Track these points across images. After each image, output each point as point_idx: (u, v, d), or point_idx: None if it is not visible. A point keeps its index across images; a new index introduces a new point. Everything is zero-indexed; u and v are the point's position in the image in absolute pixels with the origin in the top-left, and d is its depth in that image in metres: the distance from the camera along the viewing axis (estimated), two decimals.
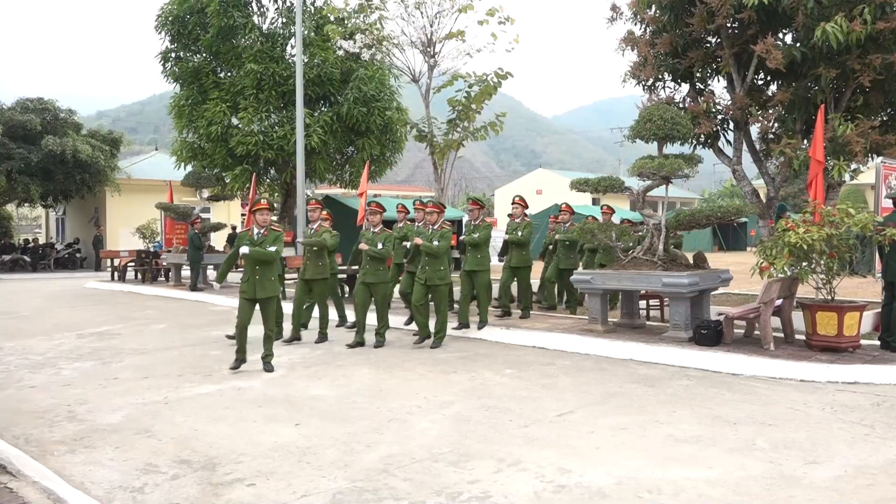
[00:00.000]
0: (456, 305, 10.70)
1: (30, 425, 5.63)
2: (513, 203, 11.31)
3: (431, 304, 9.18)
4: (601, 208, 12.86)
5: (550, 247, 12.24)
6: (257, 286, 7.66)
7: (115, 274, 21.29)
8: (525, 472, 4.43)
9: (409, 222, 11.29)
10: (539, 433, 5.24)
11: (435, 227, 9.07)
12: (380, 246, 9.08)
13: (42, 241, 32.75)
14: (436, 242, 8.84)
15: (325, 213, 9.99)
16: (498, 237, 18.02)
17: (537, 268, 11.92)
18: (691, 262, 9.44)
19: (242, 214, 10.12)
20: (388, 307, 9.54)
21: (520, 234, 10.75)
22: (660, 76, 11.27)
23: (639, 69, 11.20)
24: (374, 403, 6.16)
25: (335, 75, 19.41)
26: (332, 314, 10.28)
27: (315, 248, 9.32)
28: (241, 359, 7.62)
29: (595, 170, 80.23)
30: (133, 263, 20.86)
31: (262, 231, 7.78)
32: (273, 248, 7.71)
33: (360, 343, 9.00)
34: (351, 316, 10.23)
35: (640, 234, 11.12)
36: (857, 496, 4.03)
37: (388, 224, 10.86)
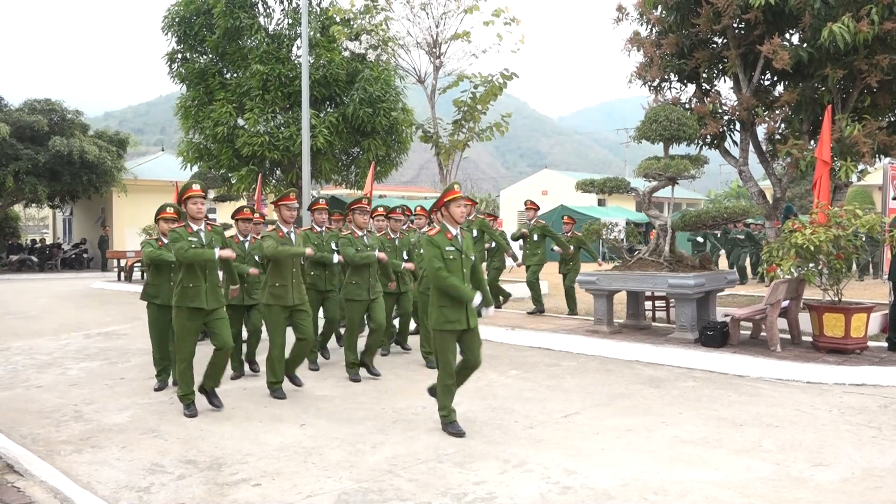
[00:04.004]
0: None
1: (37, 425, 5.65)
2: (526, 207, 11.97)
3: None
4: (564, 218, 12.91)
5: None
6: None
7: (122, 274, 21.38)
8: (531, 474, 4.42)
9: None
10: (544, 434, 5.23)
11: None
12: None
13: (49, 241, 32.87)
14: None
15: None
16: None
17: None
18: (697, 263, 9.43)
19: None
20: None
21: (535, 236, 11.47)
22: (666, 77, 11.25)
23: (645, 70, 11.18)
24: (379, 404, 6.16)
25: (341, 76, 19.43)
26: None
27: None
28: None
29: (601, 171, 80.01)
30: (139, 264, 20.94)
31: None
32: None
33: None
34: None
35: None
36: (865, 498, 4.01)
37: None
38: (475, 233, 11.26)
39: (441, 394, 5.25)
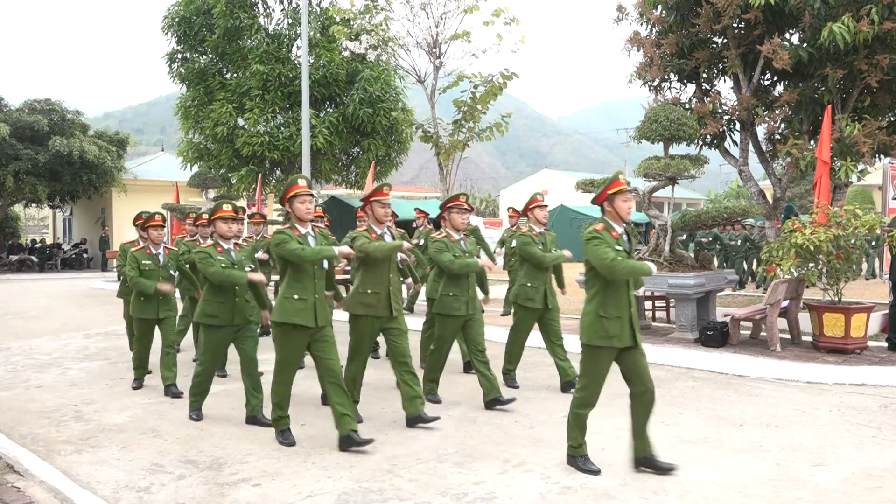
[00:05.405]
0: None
1: (37, 425, 5.65)
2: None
3: None
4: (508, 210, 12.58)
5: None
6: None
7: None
8: (531, 473, 4.42)
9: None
10: (545, 434, 5.23)
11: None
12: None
13: (49, 241, 32.87)
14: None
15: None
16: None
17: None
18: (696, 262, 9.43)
19: (250, 215, 9.43)
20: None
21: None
22: (666, 77, 11.25)
23: (645, 70, 11.18)
24: (379, 404, 6.15)
25: (341, 76, 19.45)
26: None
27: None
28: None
29: (601, 170, 80.00)
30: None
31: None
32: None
33: None
34: None
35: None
36: (864, 498, 4.01)
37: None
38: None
39: (572, 424, 4.42)
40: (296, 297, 4.84)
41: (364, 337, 5.45)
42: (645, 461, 4.40)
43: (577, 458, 4.45)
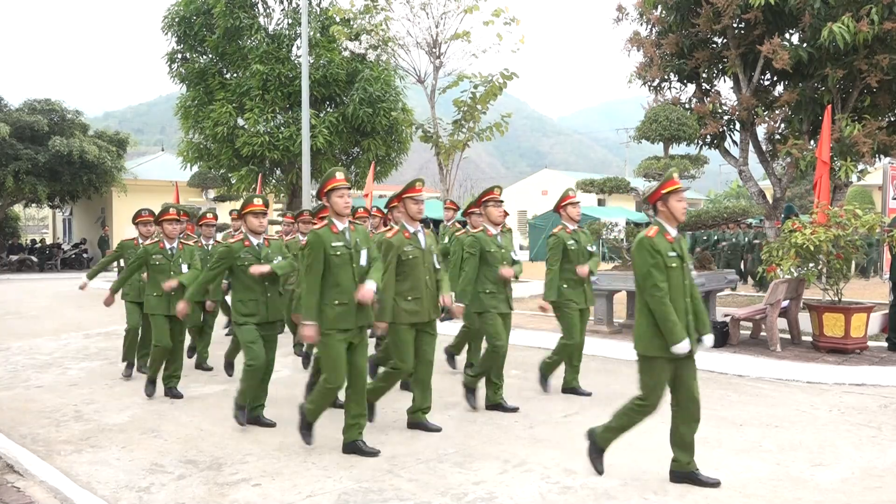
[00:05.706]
0: None
1: (37, 425, 5.65)
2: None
3: None
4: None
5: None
6: None
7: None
8: (530, 473, 4.42)
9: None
10: (544, 434, 5.23)
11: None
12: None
13: (49, 241, 32.87)
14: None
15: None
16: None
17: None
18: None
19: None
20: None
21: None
22: (666, 77, 11.27)
23: (645, 70, 11.20)
24: (379, 404, 6.14)
25: (341, 76, 19.45)
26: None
27: None
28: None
29: (601, 170, 79.98)
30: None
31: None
32: None
33: None
34: None
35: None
36: (864, 498, 4.01)
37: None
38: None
39: (618, 420, 4.35)
40: (336, 302, 4.64)
41: (408, 344, 5.18)
42: (686, 476, 4.22)
43: (596, 449, 4.38)
